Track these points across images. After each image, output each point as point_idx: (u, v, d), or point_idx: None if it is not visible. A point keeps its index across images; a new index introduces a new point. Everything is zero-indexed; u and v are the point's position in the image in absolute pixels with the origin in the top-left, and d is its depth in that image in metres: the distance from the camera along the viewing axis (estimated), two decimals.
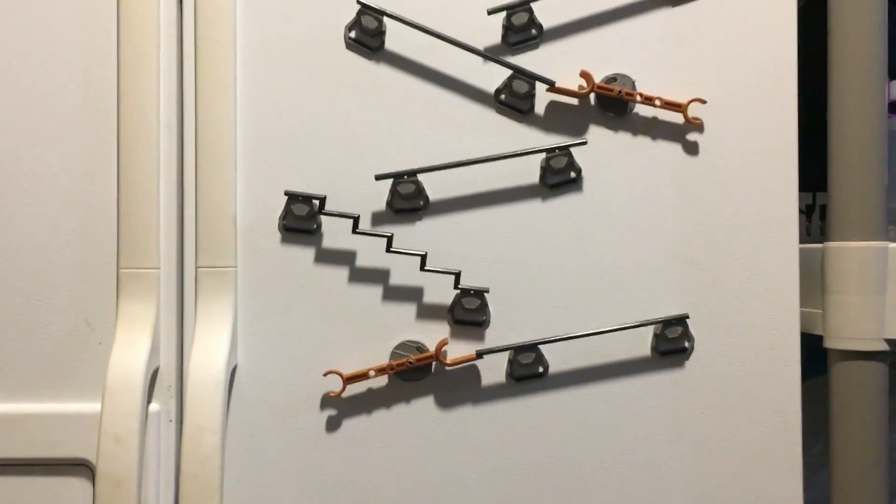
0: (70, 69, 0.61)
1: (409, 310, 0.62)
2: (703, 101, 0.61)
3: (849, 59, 0.59)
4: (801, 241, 0.64)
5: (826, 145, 0.62)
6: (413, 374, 0.61)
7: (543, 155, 0.61)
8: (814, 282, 0.62)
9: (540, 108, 0.62)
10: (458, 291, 0.61)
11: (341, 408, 0.62)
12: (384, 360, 0.61)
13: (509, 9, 0.61)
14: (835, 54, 0.60)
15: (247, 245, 0.62)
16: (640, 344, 0.62)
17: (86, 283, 0.61)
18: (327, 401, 0.61)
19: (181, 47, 0.62)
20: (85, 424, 0.59)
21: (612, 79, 0.62)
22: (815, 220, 0.80)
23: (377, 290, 0.62)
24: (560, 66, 0.62)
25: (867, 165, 0.59)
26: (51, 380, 0.61)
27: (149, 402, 0.60)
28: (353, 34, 0.62)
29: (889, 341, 0.59)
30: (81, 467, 0.60)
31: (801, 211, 0.81)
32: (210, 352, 0.59)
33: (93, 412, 0.57)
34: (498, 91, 0.62)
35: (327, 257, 0.62)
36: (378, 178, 0.61)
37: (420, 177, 0.61)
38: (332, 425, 0.62)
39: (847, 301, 0.59)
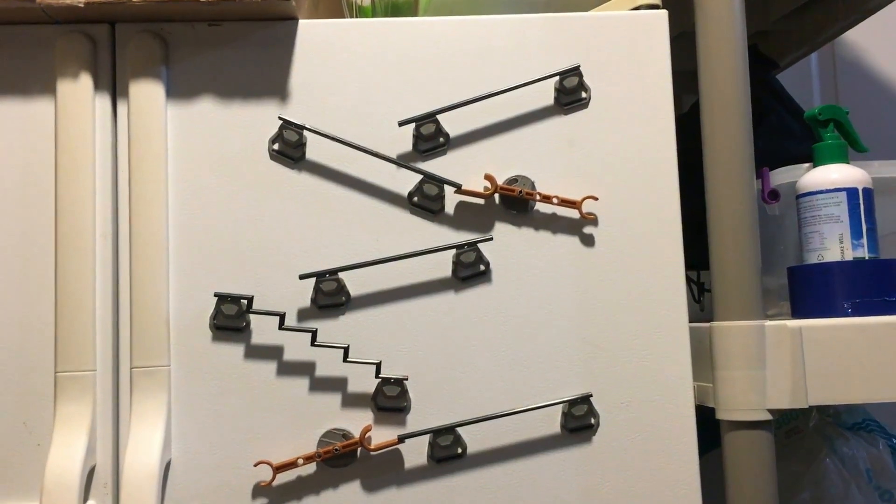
0: (9, 183, 0.66)
1: (335, 399, 0.66)
2: (596, 198, 0.68)
3: (719, 156, 0.66)
4: (697, 317, 0.71)
5: None
6: (340, 461, 0.65)
7: (454, 251, 0.67)
8: (705, 357, 0.68)
9: (449, 208, 0.68)
10: (380, 380, 0.66)
11: (272, 496, 0.65)
12: (312, 448, 0.65)
13: (417, 120, 0.67)
14: (708, 153, 0.67)
15: (179, 344, 0.66)
16: (551, 422, 0.67)
17: (24, 386, 0.64)
18: (259, 490, 0.65)
19: (115, 160, 0.67)
20: None
21: (513, 180, 0.68)
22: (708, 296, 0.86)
23: (304, 382, 0.66)
24: (466, 169, 0.68)
25: (741, 253, 0.65)
26: None
27: (86, 499, 0.63)
28: (276, 146, 0.68)
29: (772, 411, 0.64)
30: None
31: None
32: (144, 449, 0.62)
33: None
34: (410, 194, 0.68)
35: (256, 353, 0.66)
36: (302, 277, 0.65)
37: (341, 274, 0.66)
38: None
39: (732, 376, 0.65)
